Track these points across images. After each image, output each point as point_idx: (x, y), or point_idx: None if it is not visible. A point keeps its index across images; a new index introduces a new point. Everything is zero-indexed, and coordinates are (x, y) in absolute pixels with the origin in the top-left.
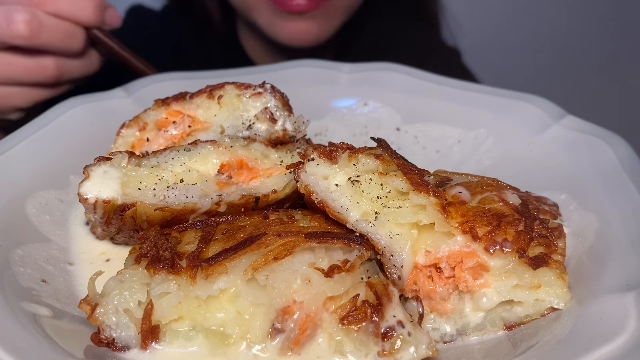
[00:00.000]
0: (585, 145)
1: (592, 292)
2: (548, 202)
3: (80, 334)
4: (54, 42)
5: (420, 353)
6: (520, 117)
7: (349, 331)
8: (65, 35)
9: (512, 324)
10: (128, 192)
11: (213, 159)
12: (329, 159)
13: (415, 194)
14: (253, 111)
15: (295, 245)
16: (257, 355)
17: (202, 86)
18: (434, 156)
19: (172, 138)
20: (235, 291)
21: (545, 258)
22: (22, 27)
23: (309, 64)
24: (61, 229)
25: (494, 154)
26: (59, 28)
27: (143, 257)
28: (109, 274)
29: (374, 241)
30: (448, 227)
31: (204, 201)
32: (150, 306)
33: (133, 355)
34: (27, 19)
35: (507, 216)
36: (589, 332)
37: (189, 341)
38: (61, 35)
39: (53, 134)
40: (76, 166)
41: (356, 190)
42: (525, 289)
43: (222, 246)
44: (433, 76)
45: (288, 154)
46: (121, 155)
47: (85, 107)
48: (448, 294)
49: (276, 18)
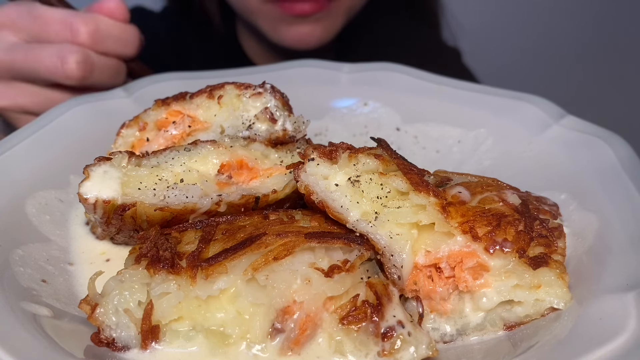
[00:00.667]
0: (585, 145)
1: (592, 292)
2: (548, 202)
3: (80, 334)
4: (102, 80)
5: (420, 353)
6: (520, 117)
7: (349, 331)
8: (112, 73)
9: (512, 324)
10: (128, 192)
11: (213, 159)
12: (329, 159)
13: (415, 194)
14: (253, 111)
15: (295, 245)
16: (257, 355)
17: (202, 86)
18: (434, 156)
19: (172, 138)
20: (235, 291)
21: (545, 258)
22: (75, 68)
23: (309, 64)
24: (61, 229)
25: (494, 154)
26: (107, 66)
27: (143, 257)
28: (109, 274)
29: (374, 241)
30: (448, 227)
31: (204, 201)
32: (150, 306)
33: (133, 355)
34: (80, 60)
35: (507, 216)
36: (589, 332)
37: (189, 341)
38: (109, 73)
39: (53, 134)
40: (76, 166)
41: (356, 190)
42: (525, 289)
43: (222, 246)
44: (433, 76)
45: (288, 154)
46: (121, 155)
47: (85, 107)
48: (448, 294)
49: (279, 22)
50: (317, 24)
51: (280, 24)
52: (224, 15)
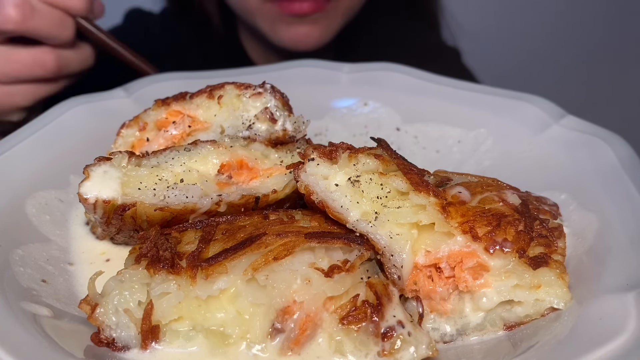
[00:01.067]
0: (585, 145)
1: (592, 292)
2: (548, 202)
3: (80, 334)
4: (44, 29)
5: (420, 353)
6: (520, 117)
7: (349, 331)
8: (55, 23)
9: (512, 324)
10: (128, 192)
11: (213, 159)
12: (329, 159)
13: (415, 194)
14: (253, 111)
15: (295, 245)
16: (257, 355)
17: (202, 86)
18: (434, 156)
19: (172, 138)
20: (235, 291)
21: (545, 258)
22: (13, 11)
23: (309, 64)
24: (61, 229)
25: (494, 154)
26: (49, 15)
27: (143, 257)
28: (109, 274)
29: (374, 241)
30: (448, 227)
31: (204, 201)
32: (150, 306)
33: (133, 355)
34: (18, 3)
35: (507, 216)
36: (589, 332)
37: (189, 341)
38: (52, 22)
39: (53, 134)
40: (76, 166)
41: (356, 190)
42: (525, 289)
43: (222, 246)
44: (433, 76)
45: (288, 154)
46: (121, 155)
47: (85, 107)
48: (448, 294)
49: (278, 22)
50: (316, 25)
51: (279, 24)
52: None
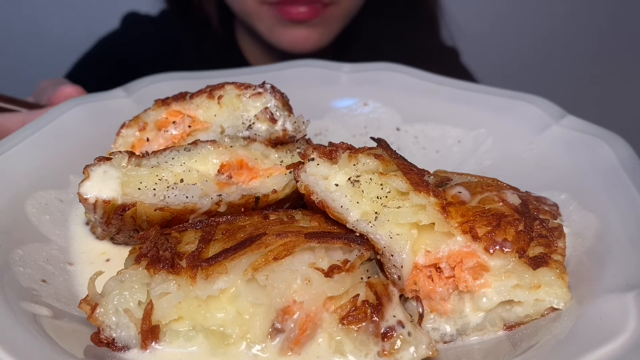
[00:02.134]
0: (585, 145)
1: (592, 292)
2: (548, 202)
3: (80, 334)
4: None
5: (420, 353)
6: (520, 117)
7: (349, 331)
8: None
9: (512, 324)
10: (128, 192)
11: (213, 159)
12: (329, 159)
13: (415, 194)
14: (253, 111)
15: (295, 245)
16: (257, 355)
17: (202, 86)
18: (434, 156)
19: (172, 138)
20: (235, 291)
21: (545, 258)
22: None
23: (308, 64)
24: (61, 229)
25: (494, 154)
26: None
27: (143, 257)
28: (109, 274)
29: (374, 241)
30: (448, 227)
31: (204, 201)
32: (150, 306)
33: (133, 355)
34: None
35: (507, 216)
36: (589, 332)
37: (189, 341)
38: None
39: (53, 134)
40: (76, 166)
41: (356, 190)
42: (525, 289)
43: (222, 246)
44: (433, 76)
45: (288, 154)
46: (121, 155)
47: (85, 107)
48: (448, 294)
49: (276, 25)
50: (314, 29)
51: (277, 26)
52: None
